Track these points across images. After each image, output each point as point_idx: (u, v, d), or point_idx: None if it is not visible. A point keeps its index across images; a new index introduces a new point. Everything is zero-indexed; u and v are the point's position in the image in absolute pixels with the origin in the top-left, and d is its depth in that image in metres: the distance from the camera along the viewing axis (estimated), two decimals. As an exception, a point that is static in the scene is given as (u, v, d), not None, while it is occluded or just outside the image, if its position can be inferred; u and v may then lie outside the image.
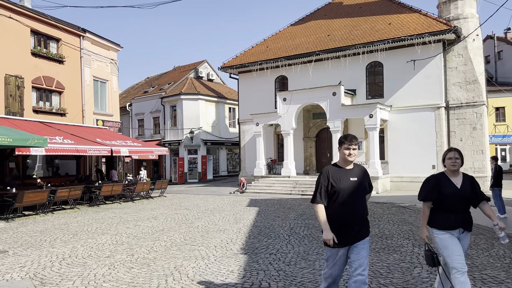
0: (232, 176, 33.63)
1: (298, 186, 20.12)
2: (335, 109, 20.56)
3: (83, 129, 19.08)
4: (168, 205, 15.90)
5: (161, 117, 32.49)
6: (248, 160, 25.78)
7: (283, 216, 12.03)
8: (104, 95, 22.69)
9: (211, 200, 17.53)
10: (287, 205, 14.95)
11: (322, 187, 3.97)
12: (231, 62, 26.04)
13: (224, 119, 33.41)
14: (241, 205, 15.28)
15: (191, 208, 14.50)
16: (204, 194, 20.78)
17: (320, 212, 3.95)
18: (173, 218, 12.11)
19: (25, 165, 18.97)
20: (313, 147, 23.72)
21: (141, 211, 14.09)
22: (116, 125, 23.01)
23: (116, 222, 11.53)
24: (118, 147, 16.57)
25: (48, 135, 15.02)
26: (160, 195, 19.65)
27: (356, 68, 22.22)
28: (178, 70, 37.89)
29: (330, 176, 3.97)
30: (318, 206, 3.97)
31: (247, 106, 25.70)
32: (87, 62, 21.28)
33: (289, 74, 24.38)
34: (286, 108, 22.06)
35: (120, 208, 15.00)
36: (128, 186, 17.67)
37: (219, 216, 12.38)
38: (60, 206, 15.04)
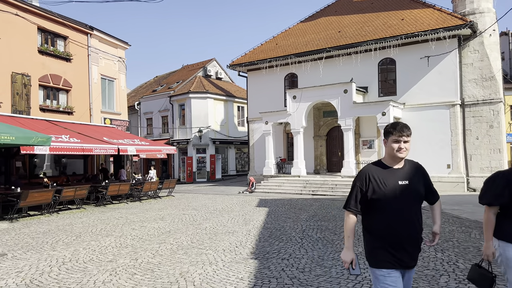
0: (241, 175, 33.18)
1: (309, 186, 19.58)
2: (346, 107, 19.97)
3: (90, 127, 18.75)
4: (176, 205, 15.47)
5: (169, 116, 32.14)
6: (257, 159, 25.29)
7: (294, 217, 11.52)
8: (112, 93, 22.37)
9: (219, 200, 17.08)
10: (298, 206, 14.43)
11: (358, 192, 3.09)
12: (240, 60, 25.56)
13: (233, 118, 32.96)
14: (250, 205, 14.80)
15: (199, 209, 14.06)
16: (212, 193, 20.35)
17: (348, 223, 3.10)
18: (181, 219, 11.67)
19: (32, 164, 18.71)
20: (324, 146, 23.14)
21: (148, 211, 13.68)
22: (124, 124, 22.68)
23: (122, 223, 11.12)
24: (125, 146, 16.20)
25: (54, 134, 14.70)
26: (168, 195, 19.25)
27: (367, 65, 21.60)
28: (186, 68, 37.52)
29: (370, 178, 3.05)
30: (349, 214, 3.11)
31: (256, 105, 25.21)
32: (94, 60, 20.96)
33: (299, 72, 23.83)
34: (296, 106, 21.52)
35: (126, 208, 14.61)
36: (135, 185, 17.29)
37: (228, 217, 11.91)
38: (66, 206, 14.70)
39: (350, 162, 19.93)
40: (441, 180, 19.45)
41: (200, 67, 34.59)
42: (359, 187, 3.08)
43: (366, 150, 21.64)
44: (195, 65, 36.62)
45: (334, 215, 11.97)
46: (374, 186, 3.02)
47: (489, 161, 19.08)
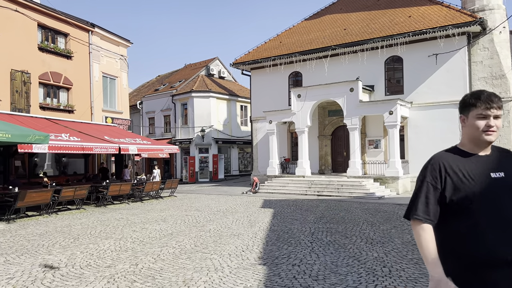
0: (243, 175, 32.70)
1: (314, 186, 19.08)
2: (352, 106, 19.48)
3: (91, 126, 18.31)
4: (178, 205, 15.01)
5: (171, 115, 31.70)
6: (260, 159, 24.83)
7: (301, 219, 11.04)
8: (113, 92, 21.93)
9: (223, 200, 16.62)
10: (304, 207, 13.95)
11: (429, 191, 2.14)
12: (243, 58, 25.10)
13: (236, 117, 32.49)
14: (255, 206, 14.33)
15: (202, 209, 13.59)
16: (215, 194, 19.88)
17: (425, 238, 2.08)
18: (183, 220, 11.20)
19: (33, 163, 18.29)
20: (329, 146, 22.64)
21: (150, 212, 13.22)
22: (126, 123, 22.24)
23: (122, 224, 10.66)
24: (126, 145, 15.74)
25: (54, 132, 14.26)
26: (170, 195, 18.80)
27: (374, 63, 21.10)
28: (189, 67, 37.08)
29: (447, 170, 2.13)
30: (420, 225, 2.12)
31: (259, 104, 24.74)
32: (96, 57, 20.53)
33: (303, 70, 23.35)
34: (301, 105, 21.04)
35: (128, 209, 14.16)
36: (137, 185, 16.84)
37: (232, 218, 11.44)
38: (66, 207, 14.26)
39: (356, 162, 19.44)
40: (449, 181, 18.93)
41: (203, 66, 34.13)
42: (430, 185, 2.13)
43: (372, 150, 21.14)
44: (197, 64, 36.17)
45: (342, 217, 11.49)
46: (455, 182, 2.09)
47: (499, 161, 18.55)
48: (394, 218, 11.10)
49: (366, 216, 11.53)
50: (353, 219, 11.07)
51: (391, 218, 11.10)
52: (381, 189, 18.32)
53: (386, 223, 10.24)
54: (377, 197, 16.89)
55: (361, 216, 11.53)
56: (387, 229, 9.45)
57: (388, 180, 18.68)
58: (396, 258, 6.67)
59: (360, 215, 11.73)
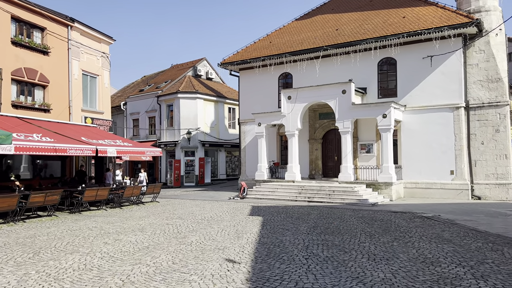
0: (231, 179, 31.60)
1: (304, 191, 18.12)
2: (344, 108, 18.62)
3: (68, 126, 17.06)
4: (160, 212, 13.87)
5: (157, 117, 30.46)
6: (248, 163, 23.80)
7: (293, 229, 10.03)
8: (94, 91, 20.68)
9: (208, 207, 15.52)
10: (295, 214, 12.95)
11: None
12: (231, 58, 24.09)
13: (224, 119, 31.40)
14: (242, 214, 13.28)
15: (185, 217, 12.49)
16: (201, 199, 18.77)
17: None
18: (163, 230, 10.10)
19: (6, 165, 16.95)
20: (319, 150, 21.73)
21: (128, 220, 12.06)
22: (107, 124, 20.99)
23: (94, 234, 9.51)
24: (104, 147, 14.55)
25: (24, 132, 13.03)
26: (153, 201, 17.63)
27: (367, 65, 20.29)
28: (175, 68, 35.90)
29: None
30: None
31: (248, 106, 23.74)
32: (75, 54, 19.29)
33: (294, 71, 22.44)
34: (291, 107, 20.10)
35: (104, 216, 12.96)
36: (116, 190, 15.63)
37: (217, 228, 10.37)
38: (36, 213, 13.00)
39: (348, 167, 18.56)
40: (443, 187, 18.18)
41: (190, 67, 33.00)
42: None
43: (364, 154, 20.28)
44: (184, 64, 35.01)
45: (337, 226, 10.51)
46: None
47: (495, 167, 17.85)
48: (393, 228, 10.17)
49: (363, 226, 10.58)
50: (349, 229, 10.11)
51: (390, 228, 10.17)
52: (374, 195, 17.45)
53: (386, 234, 9.30)
54: (371, 204, 16.00)
55: (357, 226, 10.57)
56: (388, 241, 8.50)
57: (381, 186, 17.83)
58: (406, 279, 5.69)
59: (355, 225, 10.78)
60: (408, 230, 9.96)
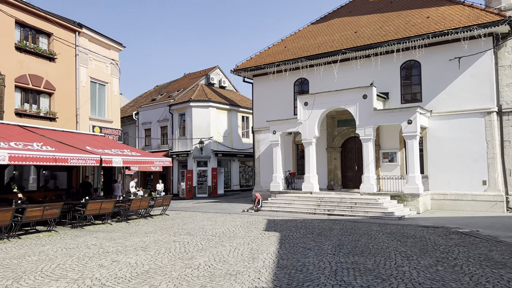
0: (245, 190, 30.36)
1: (323, 204, 16.76)
2: (366, 115, 17.30)
3: (74, 135, 16.13)
4: (168, 227, 12.70)
5: (169, 126, 29.53)
6: (263, 173, 22.54)
7: (315, 249, 8.73)
8: (102, 99, 19.81)
9: (220, 220, 14.30)
10: (315, 230, 11.64)
11: None
12: (244, 64, 23.04)
13: (237, 128, 30.29)
14: (257, 229, 12.02)
15: (195, 233, 11.28)
16: (213, 212, 17.57)
17: None
18: (168, 249, 8.90)
19: (8, 176, 16.07)
20: (338, 159, 20.37)
21: (132, 236, 10.92)
22: (116, 133, 20.05)
23: (91, 254, 8.36)
24: (109, 156, 13.51)
25: (24, 141, 12.10)
26: (162, 214, 16.50)
27: (388, 68, 18.98)
28: (188, 77, 35.07)
29: None
30: None
31: (262, 113, 22.58)
32: (83, 61, 18.47)
33: (310, 77, 21.24)
34: (308, 113, 18.86)
35: (107, 232, 11.84)
36: (121, 202, 14.55)
37: (230, 246, 9.13)
38: (34, 228, 11.95)
39: (370, 177, 17.16)
40: (475, 199, 16.61)
41: (202, 75, 32.11)
42: None
43: (387, 164, 18.85)
44: (197, 73, 34.16)
45: (365, 245, 9.17)
46: None
47: (533, 177, 16.25)
48: (431, 247, 8.78)
49: (395, 244, 9.22)
50: (380, 248, 8.75)
51: (427, 247, 8.78)
52: (400, 208, 16.01)
53: (425, 255, 7.92)
54: (397, 218, 14.56)
55: (388, 244, 9.21)
56: (431, 265, 7.14)
57: (407, 197, 16.37)
58: (472, 323, 4.37)
59: (386, 242, 9.42)
60: (449, 249, 8.56)
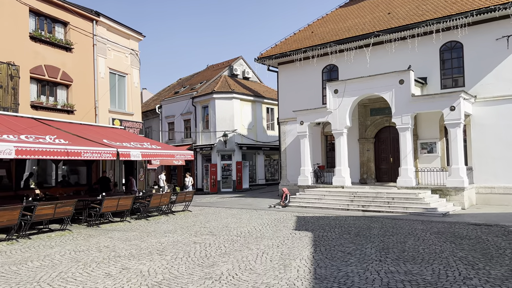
0: (270, 185, 29.14)
1: (357, 199, 15.34)
2: (403, 101, 15.72)
3: (92, 128, 15.28)
4: (189, 225, 11.63)
5: (192, 119, 28.58)
6: (290, 167, 21.24)
7: (357, 253, 7.41)
8: (122, 90, 18.95)
9: (246, 217, 13.14)
10: (352, 229, 10.29)
11: None
12: (269, 52, 21.71)
13: (261, 120, 29.04)
14: (286, 227, 10.78)
15: (218, 232, 10.15)
16: (238, 208, 16.44)
17: None
18: (187, 252, 7.78)
19: (24, 172, 15.41)
20: (371, 151, 18.84)
21: (149, 236, 9.88)
22: (137, 126, 19.18)
23: (100, 259, 7.34)
24: (127, 150, 12.54)
25: (37, 134, 11.25)
26: (184, 210, 15.49)
27: (426, 51, 17.25)
28: (211, 68, 34.02)
29: None
30: None
31: (288, 103, 21.23)
32: (101, 51, 17.62)
33: (339, 63, 19.71)
34: (338, 102, 17.41)
35: (123, 231, 10.87)
36: (141, 199, 13.59)
37: (256, 249, 7.93)
38: (47, 227, 11.10)
39: (409, 170, 15.61)
40: (528, 193, 14.83)
41: (225, 66, 30.96)
42: None
43: (425, 155, 17.20)
44: (220, 64, 33.05)
45: (414, 248, 7.77)
46: None
47: None
48: (495, 252, 7.31)
49: (449, 247, 7.78)
50: (433, 252, 7.35)
51: (490, 252, 7.32)
52: (442, 203, 14.42)
53: (493, 263, 6.48)
54: (441, 214, 13.01)
55: (442, 247, 7.79)
56: (505, 276, 5.72)
57: (450, 191, 14.75)
58: None
59: (438, 245, 8.00)
60: (519, 255, 7.08)
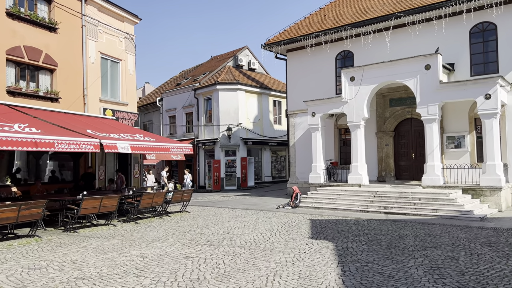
0: (277, 182, 27.14)
1: (378, 199, 13.32)
2: (429, 89, 13.67)
3: (77, 118, 13.36)
4: (185, 230, 9.69)
5: (194, 113, 26.63)
6: (299, 163, 19.24)
7: (400, 276, 5.40)
8: (116, 78, 17.02)
9: (251, 220, 11.17)
10: (381, 236, 8.29)
11: None
12: (277, 38, 19.67)
13: (268, 114, 27.01)
14: (300, 235, 8.80)
15: (218, 242, 8.19)
16: (242, 208, 14.49)
17: None
18: (173, 274, 5.82)
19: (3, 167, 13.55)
20: (391, 145, 16.78)
21: (132, 246, 7.94)
22: (132, 117, 17.24)
23: (54, 283, 5.41)
24: (113, 141, 10.60)
25: (4, 122, 9.35)
26: (182, 210, 13.57)
27: (454, 34, 15.16)
28: (215, 59, 32.01)
29: None
30: None
31: (298, 94, 19.20)
32: (91, 33, 15.68)
33: (355, 48, 17.63)
34: (355, 90, 15.38)
35: (103, 238, 8.94)
36: (130, 198, 11.65)
37: (266, 270, 5.95)
38: (12, 232, 9.17)
39: (436, 167, 13.58)
40: None
41: (230, 57, 28.92)
42: None
43: (452, 150, 15.13)
44: (224, 55, 31.03)
45: (471, 266, 5.74)
46: None
47: None
48: None
49: (522, 269, 5.77)
50: (503, 275, 5.34)
51: None
52: (477, 204, 12.42)
53: None
54: (478, 218, 10.97)
55: (508, 265, 5.78)
56: None
57: (485, 191, 12.71)
58: None
59: (500, 262, 5.97)
60: None
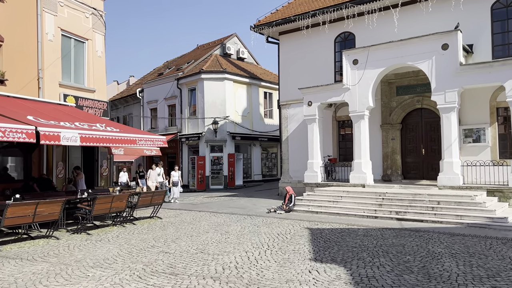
0: (268, 181, 24.83)
1: (387, 202, 11.04)
2: (446, 73, 11.47)
3: (20, 102, 10.79)
4: (145, 247, 7.29)
5: (177, 105, 24.14)
6: (293, 160, 16.92)
7: None
8: (80, 60, 14.50)
9: (235, 231, 8.80)
10: (406, 256, 5.99)
11: None
12: (269, 18, 17.29)
13: (258, 106, 24.63)
14: (299, 254, 6.47)
15: (183, 269, 5.80)
16: (227, 212, 12.12)
17: None
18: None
19: None
20: (397, 140, 14.55)
21: (58, 275, 5.51)
22: (100, 106, 14.75)
23: None
24: (54, 130, 8.14)
25: None
26: (152, 216, 11.15)
27: (472, 11, 12.94)
28: (201, 48, 29.49)
29: None
30: None
31: (292, 82, 16.87)
32: (50, 6, 13.13)
33: (357, 29, 15.33)
34: (358, 75, 13.11)
35: (28, 259, 6.48)
36: (78, 203, 9.19)
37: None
38: None
39: (454, 164, 11.41)
40: None
41: (217, 45, 26.46)
42: None
43: (470, 145, 12.93)
44: (211, 43, 28.52)
45: None
46: None
47: None
48: None
49: None
50: None
51: None
52: (506, 209, 10.26)
53: None
54: (515, 227, 8.79)
55: None
56: None
57: (515, 193, 10.56)
58: None
59: None
60: None
